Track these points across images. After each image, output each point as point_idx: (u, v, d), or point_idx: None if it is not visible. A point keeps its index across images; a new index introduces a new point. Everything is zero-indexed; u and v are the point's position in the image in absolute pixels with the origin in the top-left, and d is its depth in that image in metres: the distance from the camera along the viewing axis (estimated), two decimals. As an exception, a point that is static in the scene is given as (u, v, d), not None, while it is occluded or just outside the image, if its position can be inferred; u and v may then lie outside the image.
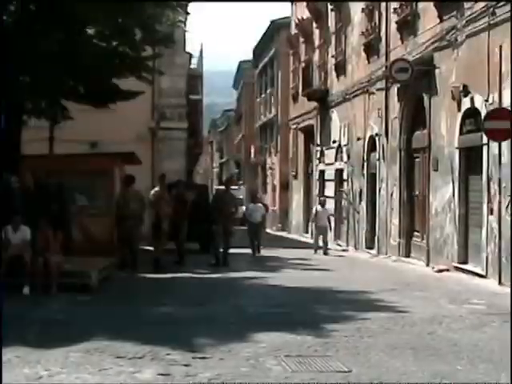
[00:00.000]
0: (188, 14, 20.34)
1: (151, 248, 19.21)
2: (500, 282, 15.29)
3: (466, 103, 17.66)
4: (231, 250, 20.12)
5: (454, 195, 18.40)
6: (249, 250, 23.35)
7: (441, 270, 18.19)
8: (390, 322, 10.71)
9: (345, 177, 28.91)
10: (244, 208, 29.08)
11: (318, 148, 33.46)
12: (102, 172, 19.72)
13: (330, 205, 28.68)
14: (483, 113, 16.31)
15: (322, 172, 33.02)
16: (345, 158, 28.83)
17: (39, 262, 13.97)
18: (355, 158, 27.34)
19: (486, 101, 16.42)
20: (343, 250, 26.87)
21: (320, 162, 33.27)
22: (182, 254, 19.49)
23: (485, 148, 16.56)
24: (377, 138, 24.73)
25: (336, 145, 30.09)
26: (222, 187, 25.47)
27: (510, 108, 15.29)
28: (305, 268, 19.35)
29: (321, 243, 24.75)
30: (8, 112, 18.19)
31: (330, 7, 31.24)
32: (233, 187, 31.06)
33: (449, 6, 18.73)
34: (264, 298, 13.30)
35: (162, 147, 30.13)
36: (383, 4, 24.03)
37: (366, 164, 26.12)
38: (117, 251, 18.32)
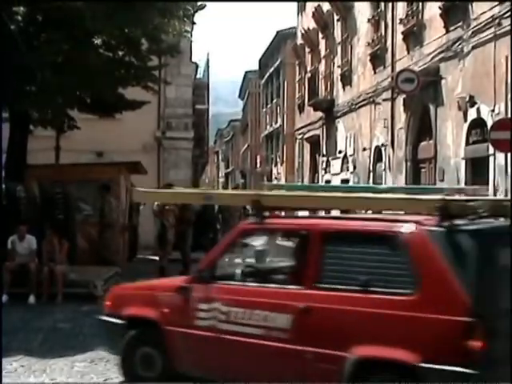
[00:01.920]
0: (194, 24, 20.32)
1: (156, 257, 19.20)
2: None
3: (472, 114, 17.63)
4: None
5: (460, 206, 18.33)
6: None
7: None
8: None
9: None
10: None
11: (324, 158, 33.45)
12: (108, 181, 19.75)
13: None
14: (489, 123, 16.27)
15: (328, 182, 32.97)
16: (351, 168, 28.81)
17: (45, 272, 13.99)
18: (361, 169, 27.31)
19: (492, 111, 16.39)
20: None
21: (326, 172, 33.25)
22: (186, 264, 19.46)
23: (491, 158, 16.52)
24: (383, 149, 24.71)
25: (342, 155, 30.07)
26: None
27: (516, 118, 15.27)
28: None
29: None
30: (14, 121, 18.24)
31: (336, 17, 31.28)
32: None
33: (455, 16, 18.73)
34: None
35: (167, 157, 30.17)
36: (389, 14, 24.05)
37: (371, 174, 26.09)
38: (121, 260, 18.34)
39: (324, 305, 6.63)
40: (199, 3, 19.11)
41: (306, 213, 9.27)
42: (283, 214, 9.00)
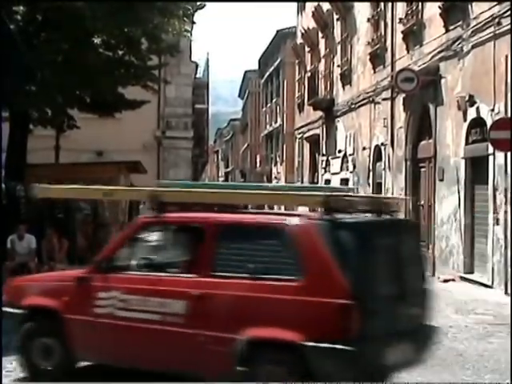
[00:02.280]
0: (194, 23, 20.31)
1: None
2: (506, 292, 15.23)
3: (471, 113, 17.64)
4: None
5: (459, 205, 18.36)
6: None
7: (447, 280, 18.12)
8: (396, 331, 10.66)
9: (350, 186, 28.85)
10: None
11: (324, 157, 33.45)
12: (108, 181, 19.75)
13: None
14: (489, 123, 16.28)
15: (328, 181, 32.97)
16: (350, 167, 28.81)
17: (44, 271, 13.98)
18: (361, 168, 27.32)
19: (492, 110, 16.39)
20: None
21: (325, 172, 33.25)
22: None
23: (491, 158, 16.53)
24: (382, 148, 24.71)
25: (341, 154, 30.08)
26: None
27: (515, 118, 15.28)
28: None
29: None
30: (14, 121, 18.24)
31: (335, 17, 31.29)
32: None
33: (454, 15, 18.74)
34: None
35: (167, 156, 30.18)
36: (389, 14, 24.05)
37: (371, 174, 26.10)
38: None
39: (217, 291, 7.06)
40: (199, 3, 19.13)
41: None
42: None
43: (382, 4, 24.87)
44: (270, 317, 6.76)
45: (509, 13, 15.69)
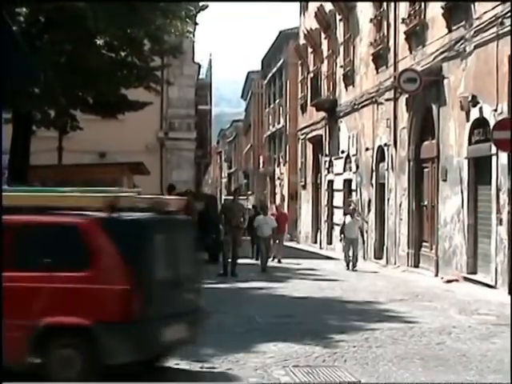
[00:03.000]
0: (197, 24, 20.30)
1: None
2: (509, 293, 15.21)
3: (474, 113, 17.64)
4: (239, 261, 20.10)
5: (462, 205, 18.36)
6: (256, 261, 23.22)
7: (450, 281, 18.13)
8: (399, 332, 10.68)
9: (353, 187, 28.87)
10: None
11: (327, 158, 33.45)
12: (111, 182, 19.78)
13: (339, 215, 28.67)
14: (492, 123, 16.27)
15: (331, 182, 32.99)
16: (353, 168, 28.81)
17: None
18: (364, 168, 27.31)
19: (495, 111, 16.39)
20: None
21: (329, 172, 33.25)
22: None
23: (494, 158, 16.53)
24: (385, 148, 24.71)
25: (344, 155, 30.07)
26: (231, 197, 25.40)
27: (519, 118, 15.27)
28: (313, 278, 19.32)
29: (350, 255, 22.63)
30: (17, 122, 18.25)
31: (338, 17, 31.29)
32: (241, 197, 31.04)
33: (457, 16, 18.74)
34: (272, 308, 13.29)
35: (170, 157, 30.19)
36: (392, 14, 24.05)
37: (374, 174, 26.09)
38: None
39: (15, 284, 7.66)
40: (201, 4, 19.12)
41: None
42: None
43: (385, 4, 24.87)
44: (63, 305, 7.65)
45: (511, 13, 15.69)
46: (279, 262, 24.49)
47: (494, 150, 16.28)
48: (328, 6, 32.36)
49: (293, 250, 31.40)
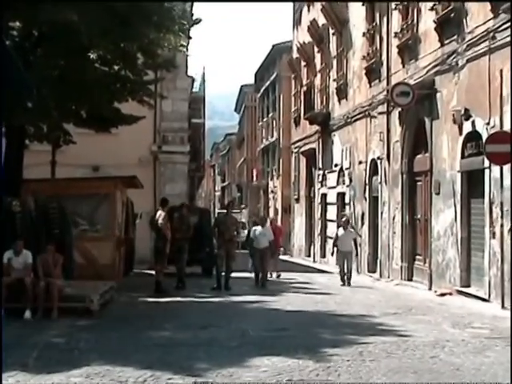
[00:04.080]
0: (190, 38, 20.33)
1: (153, 271, 19.17)
2: (503, 306, 15.23)
3: (467, 127, 17.69)
4: (233, 274, 20.06)
5: (455, 219, 18.38)
6: (250, 274, 23.10)
7: (443, 294, 18.12)
8: (393, 346, 10.66)
9: (347, 200, 28.91)
10: (246, 232, 28.71)
11: (320, 171, 33.49)
12: (104, 196, 19.75)
13: (333, 228, 28.66)
14: (484, 136, 16.32)
15: (324, 195, 33.02)
16: (347, 181, 28.85)
17: (40, 286, 13.94)
18: (357, 182, 27.35)
19: (488, 124, 16.44)
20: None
21: (322, 186, 33.29)
22: (181, 278, 19.41)
23: (486, 171, 16.56)
24: (378, 162, 24.76)
25: (338, 168, 30.12)
26: (224, 211, 25.36)
27: (511, 131, 15.32)
28: (307, 291, 19.28)
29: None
30: (10, 136, 18.22)
31: (331, 31, 31.40)
32: (234, 211, 31.01)
33: (449, 30, 18.82)
34: (265, 322, 13.25)
35: (163, 171, 30.21)
36: (384, 28, 24.16)
37: (367, 187, 26.13)
38: (117, 274, 18.32)
39: None
40: (195, 18, 19.17)
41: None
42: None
43: (378, 18, 24.98)
44: None
45: (503, 27, 15.76)
46: (278, 277, 24.29)
47: (486, 163, 16.32)
48: (321, 20, 32.48)
49: (286, 264, 31.35)
